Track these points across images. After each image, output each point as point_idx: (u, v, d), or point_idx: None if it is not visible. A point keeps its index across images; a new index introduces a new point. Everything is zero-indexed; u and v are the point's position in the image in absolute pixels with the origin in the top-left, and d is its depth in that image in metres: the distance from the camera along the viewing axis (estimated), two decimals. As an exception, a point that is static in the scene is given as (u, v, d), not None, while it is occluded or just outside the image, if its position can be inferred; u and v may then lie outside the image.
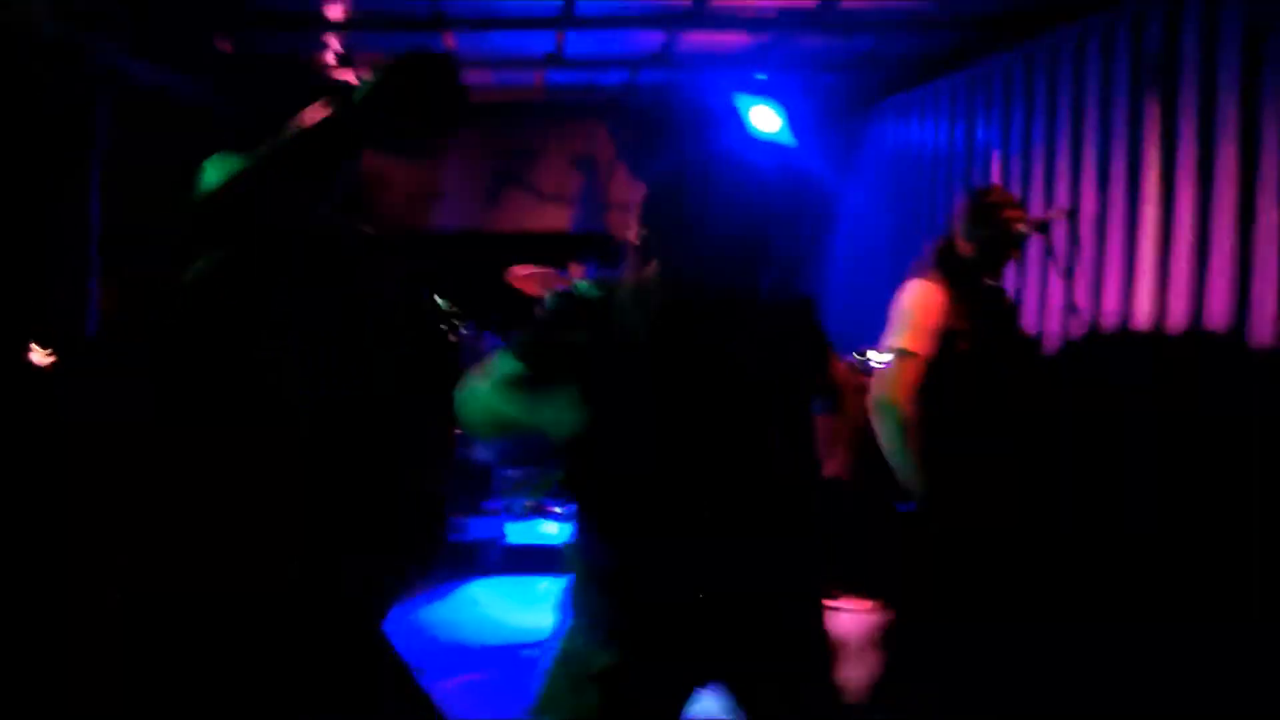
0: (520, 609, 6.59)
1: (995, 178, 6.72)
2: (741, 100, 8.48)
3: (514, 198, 10.27)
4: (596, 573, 2.66)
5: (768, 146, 8.48)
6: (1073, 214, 5.62)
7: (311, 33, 7.44)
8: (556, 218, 10.09)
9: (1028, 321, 6.03)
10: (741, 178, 2.64)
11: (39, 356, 3.63)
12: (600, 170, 10.16)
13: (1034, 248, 5.77)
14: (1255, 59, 4.58)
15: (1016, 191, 6.43)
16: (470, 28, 7.13)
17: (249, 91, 8.73)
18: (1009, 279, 5.60)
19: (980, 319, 4.25)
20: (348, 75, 8.68)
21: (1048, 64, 6.27)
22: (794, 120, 8.73)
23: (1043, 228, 4.40)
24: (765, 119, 8.63)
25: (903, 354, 4.18)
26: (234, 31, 7.30)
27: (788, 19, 6.89)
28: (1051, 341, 5.91)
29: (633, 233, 2.75)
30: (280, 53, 8.05)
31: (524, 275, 8.56)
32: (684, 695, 2.63)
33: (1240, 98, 4.65)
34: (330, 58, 8.19)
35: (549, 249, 9.21)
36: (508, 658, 5.70)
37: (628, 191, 10.05)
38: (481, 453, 8.38)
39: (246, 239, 2.36)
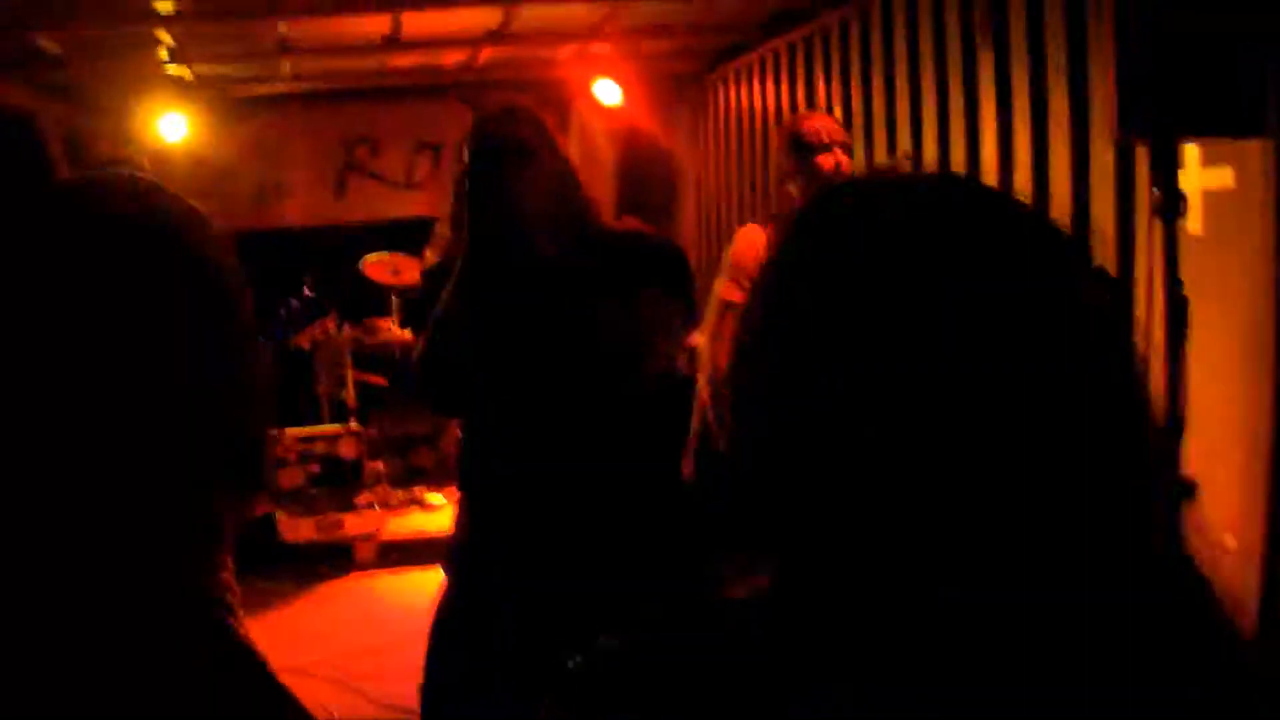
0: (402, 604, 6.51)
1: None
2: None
3: (361, 187, 10.16)
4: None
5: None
6: (914, 159, 5.68)
7: (142, 26, 7.24)
8: (406, 204, 10.00)
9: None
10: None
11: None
12: (447, 153, 10.08)
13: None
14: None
15: (859, 149, 6.52)
16: (304, 12, 7.01)
17: (77, 92, 8.50)
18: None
19: None
20: (181, 70, 8.49)
21: (882, 18, 6.36)
22: (633, 90, 8.78)
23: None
24: (605, 92, 8.67)
25: (721, 302, 4.15)
26: (59, 28, 7.05)
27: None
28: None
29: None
30: (110, 48, 7.83)
31: (374, 262, 8.48)
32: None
33: (1067, 37, 4.76)
34: (163, 52, 7.99)
35: (401, 236, 9.13)
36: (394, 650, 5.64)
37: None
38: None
39: None
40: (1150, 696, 0.88)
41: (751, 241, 4.14)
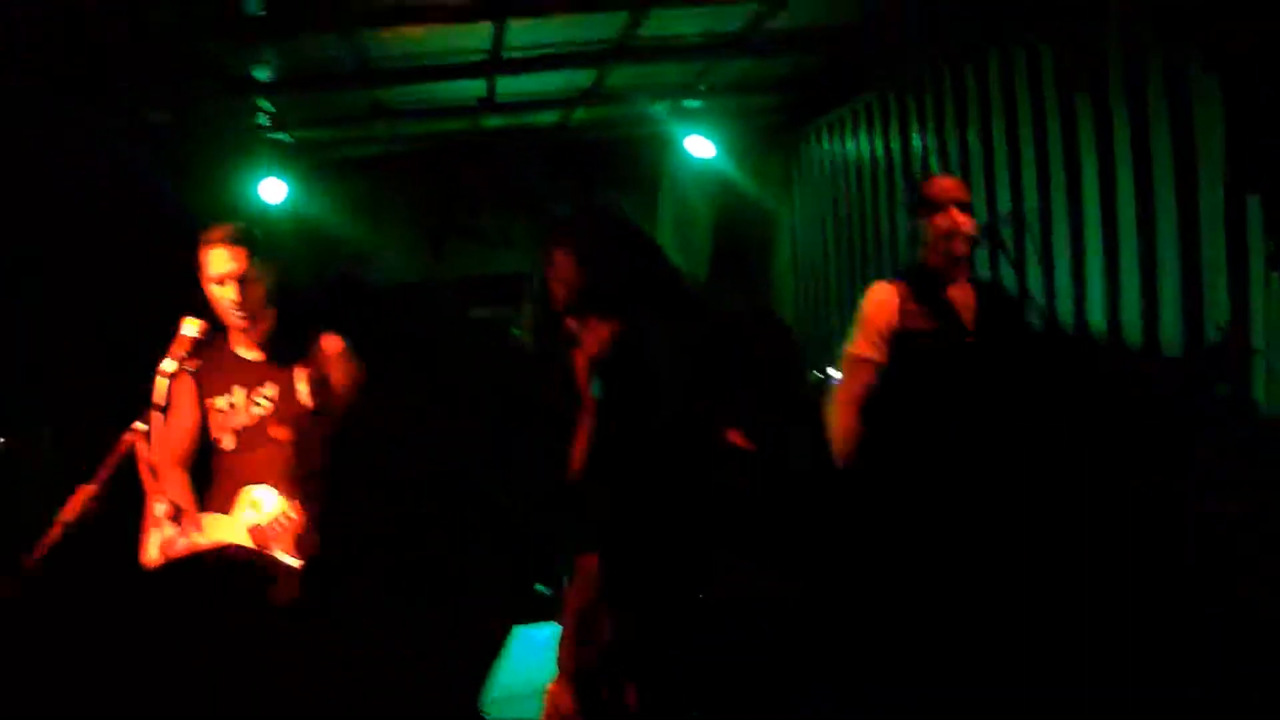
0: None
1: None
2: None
3: (459, 244, 10.25)
4: None
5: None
6: (1014, 216, 5.61)
7: (244, 96, 7.41)
8: (502, 260, 10.07)
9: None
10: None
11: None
12: (539, 210, 10.14)
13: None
14: (1179, 52, 4.61)
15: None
16: (398, 81, 7.11)
17: (186, 160, 8.70)
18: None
19: (947, 318, 4.09)
20: (280, 135, 8.66)
21: (976, 67, 6.31)
22: (728, 144, 8.80)
23: (992, 233, 4.18)
24: (699, 147, 8.69)
25: (850, 359, 4.11)
26: (168, 101, 7.24)
27: (714, 46, 6.90)
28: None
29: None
30: (214, 117, 8.02)
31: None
32: None
33: (1167, 84, 4.68)
34: (264, 119, 8.17)
35: (501, 292, 9.18)
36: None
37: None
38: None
39: None
40: None
41: (883, 301, 4.10)
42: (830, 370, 6.46)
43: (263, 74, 6.94)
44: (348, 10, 5.68)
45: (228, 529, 3.98)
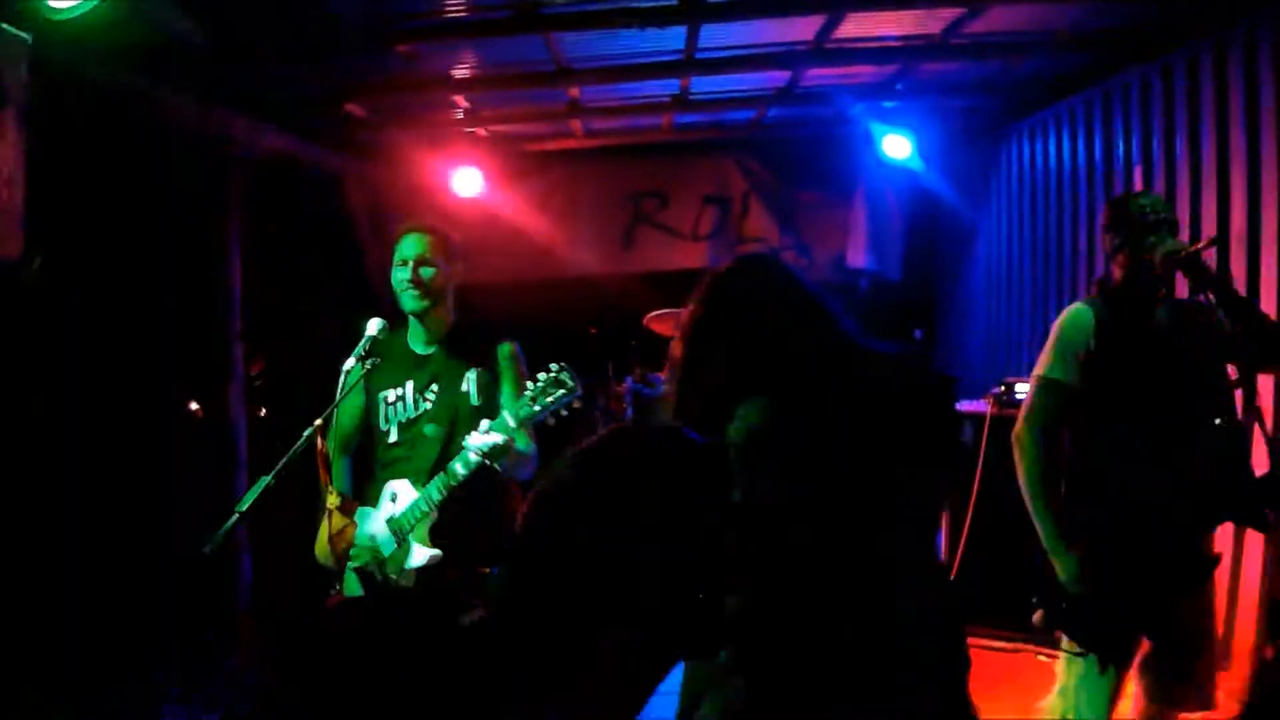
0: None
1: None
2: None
3: (648, 238, 10.28)
4: None
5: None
6: (1218, 240, 5.36)
7: (440, 93, 7.57)
8: (691, 255, 10.08)
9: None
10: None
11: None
12: (732, 206, 10.13)
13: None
14: None
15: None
16: (595, 79, 7.16)
17: (380, 152, 8.94)
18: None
19: (1149, 341, 3.93)
20: (477, 130, 8.82)
21: (1187, 75, 6.06)
22: (926, 146, 8.64)
23: (1189, 260, 3.96)
24: (895, 148, 8.55)
25: (1043, 381, 3.98)
26: (367, 96, 7.45)
27: (912, 48, 6.78)
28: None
29: None
30: (410, 114, 8.21)
31: (658, 316, 8.55)
32: None
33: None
34: (459, 115, 8.32)
35: (686, 287, 9.17)
36: None
37: (761, 226, 10.01)
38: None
39: None
40: None
41: (1080, 325, 3.96)
42: (1018, 383, 6.31)
43: (460, 72, 7.07)
44: (539, 14, 5.75)
45: (372, 521, 4.07)
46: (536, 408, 3.81)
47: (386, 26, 5.88)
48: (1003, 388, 6.47)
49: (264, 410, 7.88)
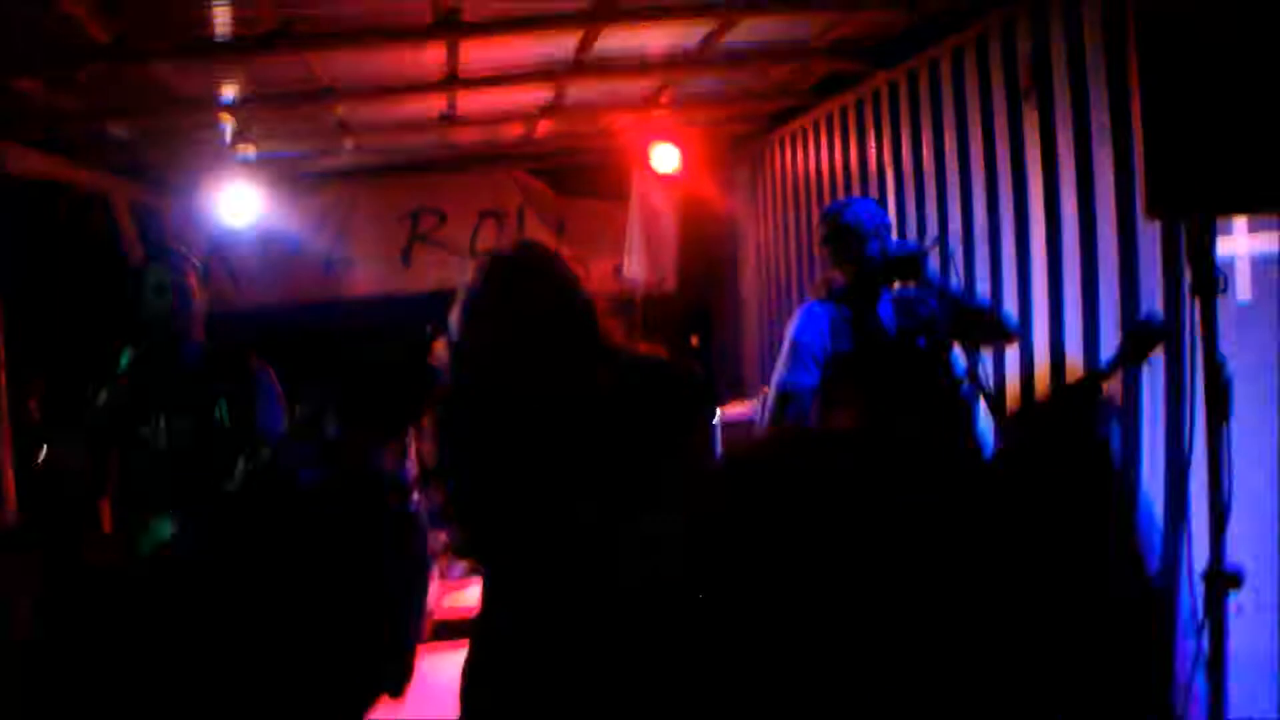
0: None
1: (890, 197, 6.79)
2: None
3: (427, 255, 10.27)
4: None
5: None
6: (941, 241, 5.62)
7: (205, 113, 7.43)
8: (470, 271, 10.08)
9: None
10: None
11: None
12: (509, 220, 10.19)
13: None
14: (1121, 60, 4.63)
15: (911, 210, 6.51)
16: (359, 99, 7.14)
17: (148, 172, 8.72)
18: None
19: (875, 338, 4.16)
20: (247, 150, 8.68)
21: (930, 80, 6.35)
22: (691, 155, 8.84)
23: (902, 263, 4.20)
24: (663, 158, 8.72)
25: (785, 387, 4.16)
26: (129, 116, 7.27)
27: (672, 60, 6.94)
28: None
29: None
30: (176, 133, 8.04)
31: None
32: None
33: (1110, 101, 4.70)
34: (227, 135, 8.18)
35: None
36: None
37: (538, 239, 10.08)
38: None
39: None
40: None
41: (815, 327, 4.16)
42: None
43: (222, 92, 6.96)
44: (303, 33, 5.71)
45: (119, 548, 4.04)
46: (295, 440, 3.82)
47: (145, 44, 5.75)
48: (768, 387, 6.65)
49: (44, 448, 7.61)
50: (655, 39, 6.53)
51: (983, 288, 5.71)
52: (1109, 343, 4.74)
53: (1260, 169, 3.19)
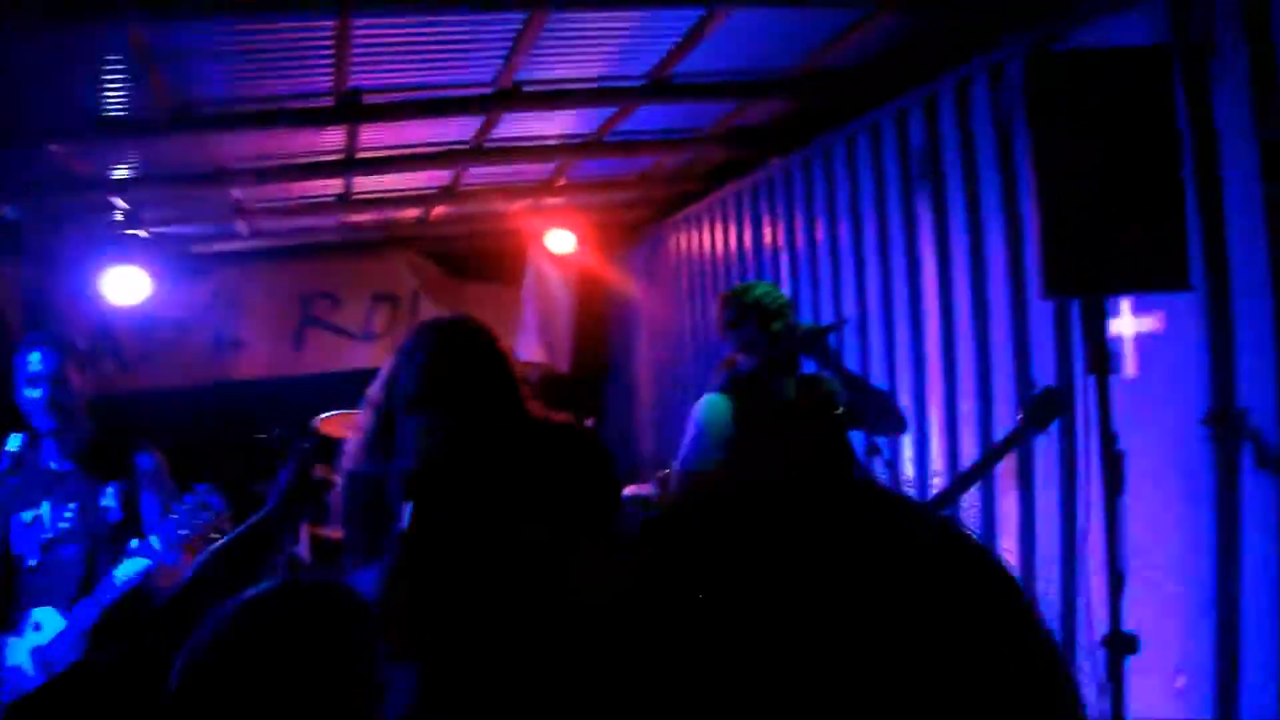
0: None
1: (785, 281, 6.91)
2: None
3: (319, 339, 10.20)
4: None
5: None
6: (842, 324, 5.70)
7: (98, 193, 7.33)
8: (362, 355, 10.03)
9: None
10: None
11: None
12: (402, 304, 10.17)
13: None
14: (1010, 149, 4.81)
15: (806, 293, 6.63)
16: (255, 180, 7.11)
17: (35, 253, 8.55)
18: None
19: (778, 422, 4.21)
20: (139, 232, 8.56)
21: (823, 165, 6.51)
22: (587, 239, 8.90)
23: (812, 337, 4.28)
24: (559, 242, 8.79)
25: (690, 475, 4.19)
26: (16, 197, 7.16)
27: (569, 146, 7.03)
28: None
29: None
30: (66, 212, 7.92)
31: (329, 419, 8.47)
32: None
33: (1001, 185, 4.87)
34: (119, 216, 8.08)
35: (359, 387, 9.11)
36: None
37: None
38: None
39: None
40: None
41: (719, 413, 4.21)
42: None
43: (119, 173, 6.90)
44: (199, 114, 5.69)
45: (13, 651, 3.90)
46: (185, 531, 3.74)
47: (38, 124, 5.69)
48: (668, 470, 6.68)
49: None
50: (554, 124, 6.62)
51: (878, 369, 5.83)
52: (1002, 421, 4.87)
53: (1147, 252, 3.37)
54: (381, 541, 2.94)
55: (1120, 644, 3.30)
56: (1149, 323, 4.13)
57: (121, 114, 5.70)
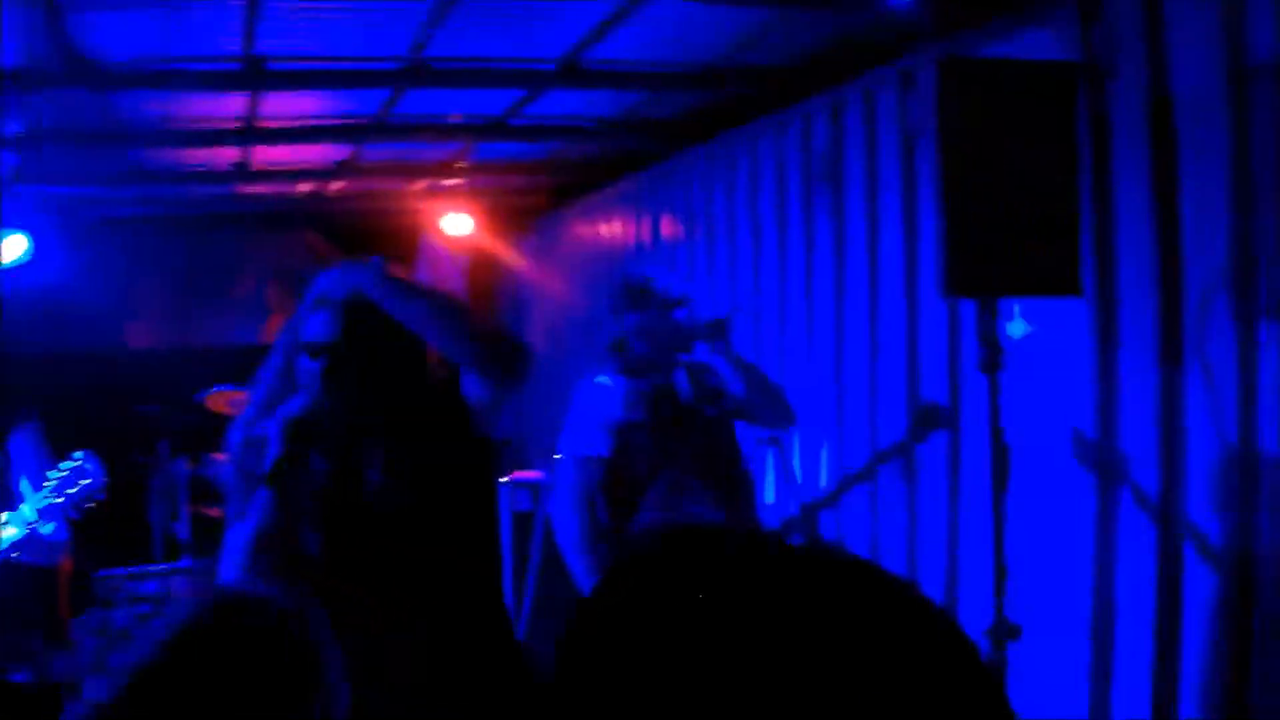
0: None
1: (682, 271, 6.96)
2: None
3: (210, 311, 10.05)
4: None
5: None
6: (730, 316, 5.78)
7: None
8: (255, 330, 9.90)
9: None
10: None
11: None
12: (297, 279, 10.03)
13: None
14: (911, 155, 4.91)
15: (703, 285, 6.69)
16: (152, 143, 6.98)
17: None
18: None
19: (669, 406, 4.21)
20: (28, 191, 8.37)
21: (727, 161, 6.57)
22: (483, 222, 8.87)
23: (716, 326, 4.31)
24: (455, 225, 8.75)
25: (576, 459, 4.19)
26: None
27: (473, 128, 7.01)
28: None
29: None
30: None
31: (216, 396, 8.35)
32: None
33: (902, 191, 4.97)
34: (7, 173, 7.88)
35: (248, 363, 8.98)
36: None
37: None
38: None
39: None
40: None
41: (605, 397, 4.19)
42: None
43: (6, 125, 6.71)
44: (101, 70, 5.57)
45: None
46: (59, 499, 3.68)
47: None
48: (558, 455, 6.70)
49: None
50: (459, 104, 6.59)
51: (769, 362, 5.90)
52: (889, 418, 4.98)
53: (1043, 258, 3.50)
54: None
55: (1003, 633, 3.40)
56: (1033, 326, 4.26)
57: (14, 63, 5.57)
